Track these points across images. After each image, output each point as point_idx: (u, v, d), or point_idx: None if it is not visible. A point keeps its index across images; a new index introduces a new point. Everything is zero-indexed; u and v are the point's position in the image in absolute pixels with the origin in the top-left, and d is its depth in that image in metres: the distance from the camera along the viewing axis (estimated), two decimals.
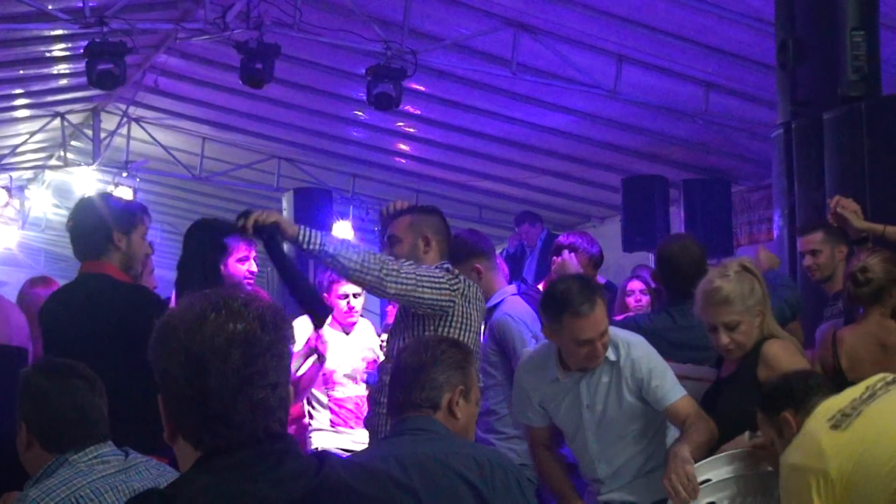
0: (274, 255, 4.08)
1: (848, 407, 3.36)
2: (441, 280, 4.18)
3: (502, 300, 5.18)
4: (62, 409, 3.08)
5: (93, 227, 4.20)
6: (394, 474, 2.95)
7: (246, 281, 5.11)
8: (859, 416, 3.31)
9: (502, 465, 3.11)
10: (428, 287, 4.13)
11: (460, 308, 4.25)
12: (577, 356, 4.01)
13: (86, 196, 4.45)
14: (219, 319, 1.90)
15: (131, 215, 4.25)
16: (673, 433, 4.14)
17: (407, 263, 4.16)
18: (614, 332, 4.10)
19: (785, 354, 3.99)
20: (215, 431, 1.89)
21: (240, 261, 5.07)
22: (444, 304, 4.16)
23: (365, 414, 4.74)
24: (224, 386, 1.88)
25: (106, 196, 4.48)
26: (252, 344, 1.91)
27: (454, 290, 4.21)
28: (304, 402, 6.04)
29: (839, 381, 4.06)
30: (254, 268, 5.18)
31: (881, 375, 3.51)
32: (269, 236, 4.01)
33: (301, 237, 4.01)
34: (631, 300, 7.56)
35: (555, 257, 5.95)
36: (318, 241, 4.00)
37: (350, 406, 6.08)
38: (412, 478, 2.97)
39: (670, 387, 4.05)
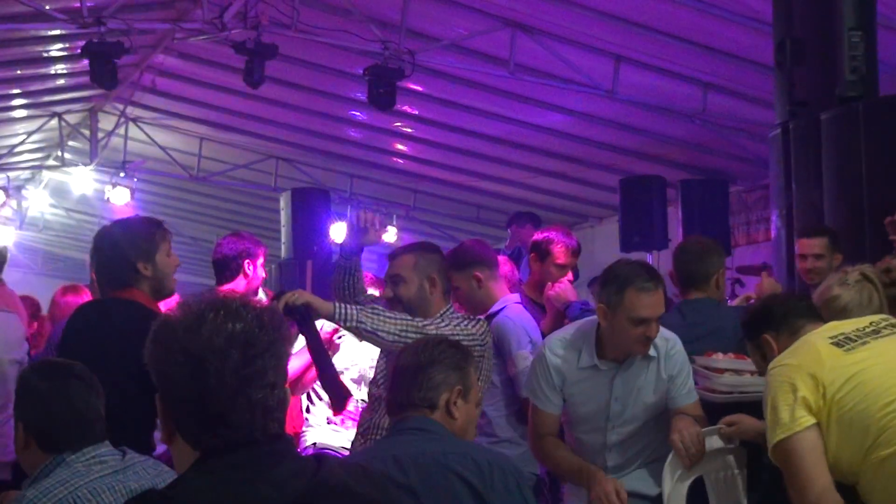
0: (307, 336, 4.07)
1: (853, 333, 3.35)
2: (475, 334, 4.21)
3: (504, 307, 5.17)
4: (58, 410, 3.07)
5: (117, 260, 4.13)
6: (392, 474, 2.95)
7: None
8: (864, 346, 3.29)
9: (501, 465, 3.09)
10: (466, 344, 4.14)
11: (488, 352, 4.35)
12: (629, 338, 4.00)
13: (105, 226, 4.40)
14: (217, 320, 1.91)
15: (150, 240, 4.18)
16: None
17: (441, 324, 4.17)
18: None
19: None
20: (214, 431, 1.89)
21: None
22: (477, 356, 4.17)
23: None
24: (223, 386, 1.88)
25: (123, 223, 4.41)
26: (251, 344, 1.91)
27: (484, 344, 4.25)
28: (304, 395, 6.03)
29: None
30: None
31: (884, 316, 3.51)
32: (301, 317, 4.00)
33: (337, 315, 3.99)
34: None
35: (533, 254, 5.89)
36: (356, 318, 3.98)
37: (350, 408, 6.07)
38: (410, 477, 2.97)
39: (690, 388, 4.14)
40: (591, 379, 4.13)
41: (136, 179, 15.01)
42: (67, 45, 10.81)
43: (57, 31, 10.17)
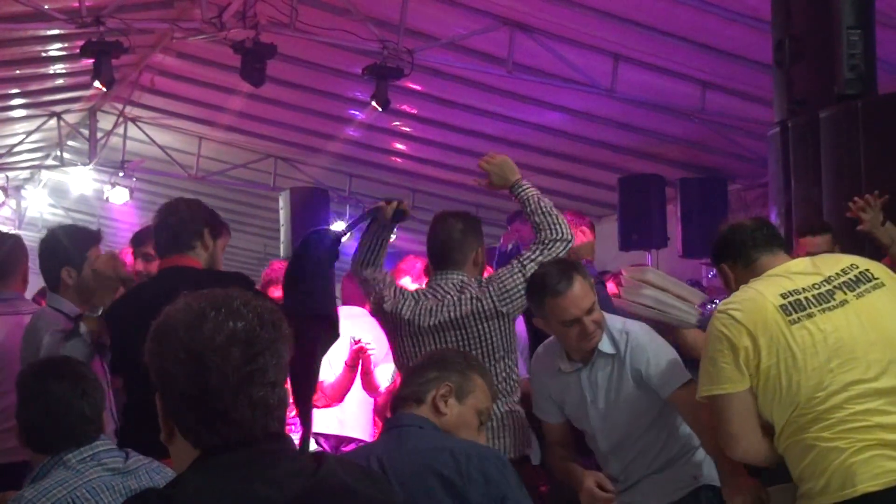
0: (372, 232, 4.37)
1: (804, 296, 3.28)
2: None
3: None
4: (41, 410, 3.09)
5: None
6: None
7: None
8: (810, 319, 3.23)
9: (480, 454, 3.05)
10: None
11: None
12: (570, 340, 3.94)
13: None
14: (219, 318, 1.91)
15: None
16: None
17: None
18: (613, 322, 4.00)
19: None
20: (215, 429, 1.89)
21: None
22: None
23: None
24: (225, 384, 1.88)
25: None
26: (252, 342, 1.91)
27: None
28: None
29: None
30: None
31: (850, 262, 3.39)
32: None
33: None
34: None
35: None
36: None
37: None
38: (389, 475, 2.95)
39: (672, 373, 3.90)
40: (566, 383, 4.07)
41: (135, 179, 15.01)
42: (66, 45, 10.80)
43: (56, 31, 10.16)
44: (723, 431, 3.30)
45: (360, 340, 5.50)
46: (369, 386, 5.66)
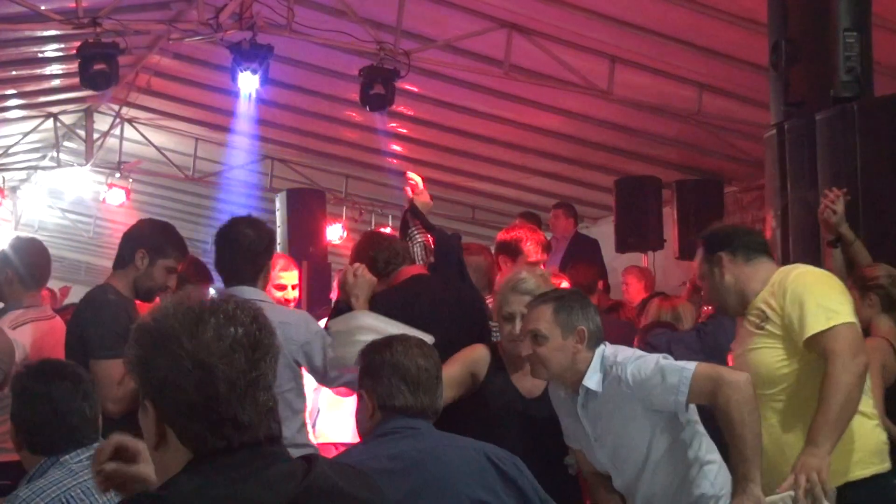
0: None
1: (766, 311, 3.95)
2: None
3: None
4: (42, 413, 3.07)
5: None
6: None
7: None
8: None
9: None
10: None
11: None
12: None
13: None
14: (219, 324, 1.91)
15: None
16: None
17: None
18: (612, 357, 3.79)
19: None
20: (223, 434, 1.89)
21: None
22: None
23: None
24: (232, 391, 1.89)
25: None
26: (255, 348, 1.93)
27: None
28: None
29: None
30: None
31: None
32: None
33: None
34: None
35: (502, 255, 5.92)
36: None
37: None
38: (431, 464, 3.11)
39: (677, 378, 3.61)
40: (571, 412, 3.94)
41: (131, 180, 15.01)
42: (63, 46, 10.79)
43: (52, 32, 10.15)
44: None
45: None
46: None
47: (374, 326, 4.13)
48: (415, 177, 5.42)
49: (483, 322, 4.92)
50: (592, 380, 3.77)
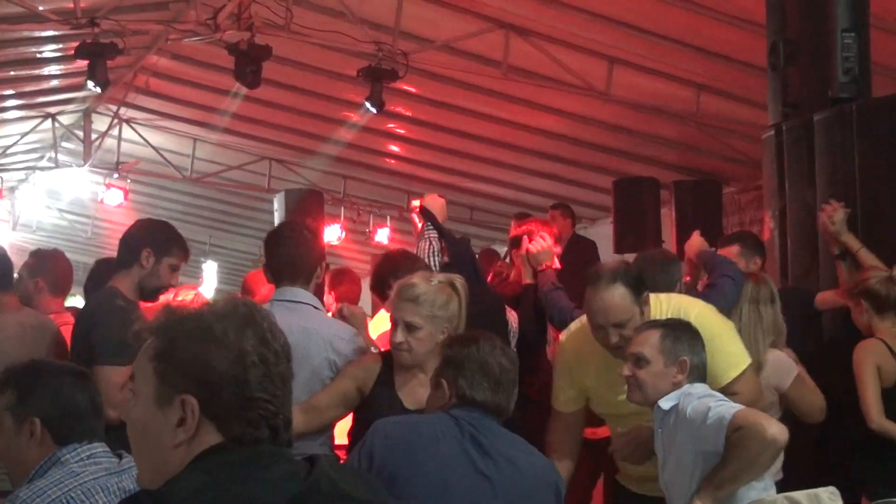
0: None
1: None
2: None
3: None
4: (65, 400, 3.08)
5: None
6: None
7: None
8: None
9: None
10: None
11: None
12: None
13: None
14: (256, 320, 1.97)
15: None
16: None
17: None
18: (692, 391, 3.72)
19: None
20: (256, 425, 1.93)
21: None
22: None
23: None
24: (273, 384, 1.95)
25: None
26: (289, 357, 2.01)
27: None
28: None
29: None
30: None
31: None
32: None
33: None
34: None
35: (515, 250, 5.90)
36: None
37: None
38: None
39: (717, 422, 3.55)
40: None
41: (129, 180, 14.99)
42: (61, 46, 10.79)
43: (50, 32, 10.15)
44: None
45: None
46: None
47: None
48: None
49: (503, 327, 4.99)
50: (666, 403, 3.75)
